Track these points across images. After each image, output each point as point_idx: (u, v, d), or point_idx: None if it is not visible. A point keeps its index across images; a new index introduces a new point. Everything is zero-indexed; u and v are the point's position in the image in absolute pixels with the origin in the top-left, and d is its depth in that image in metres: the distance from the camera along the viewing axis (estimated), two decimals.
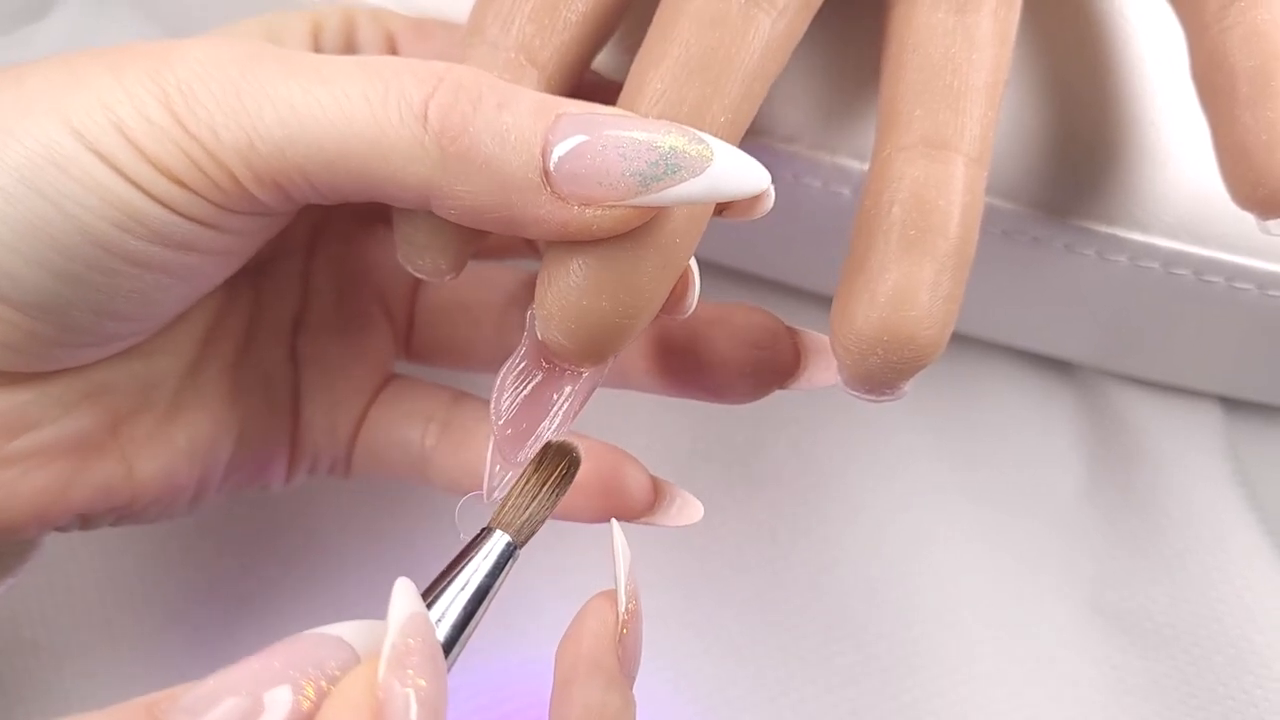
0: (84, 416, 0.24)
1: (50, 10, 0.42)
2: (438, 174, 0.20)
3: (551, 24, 0.23)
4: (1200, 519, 0.37)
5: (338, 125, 0.20)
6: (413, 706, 0.17)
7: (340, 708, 0.17)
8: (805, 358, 0.26)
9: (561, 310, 0.21)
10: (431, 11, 0.29)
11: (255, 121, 0.20)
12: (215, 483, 0.27)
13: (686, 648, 0.35)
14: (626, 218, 0.20)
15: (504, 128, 0.20)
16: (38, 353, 0.22)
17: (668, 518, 0.26)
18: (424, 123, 0.20)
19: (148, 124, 0.20)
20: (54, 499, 0.23)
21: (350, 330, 0.29)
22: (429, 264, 0.23)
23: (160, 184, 0.20)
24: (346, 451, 0.29)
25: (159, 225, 0.20)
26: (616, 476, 0.26)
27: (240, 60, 0.20)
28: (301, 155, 0.20)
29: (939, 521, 0.37)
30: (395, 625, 0.18)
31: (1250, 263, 0.31)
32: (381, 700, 0.17)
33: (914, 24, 0.24)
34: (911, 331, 0.22)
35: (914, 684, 0.34)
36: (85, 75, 0.20)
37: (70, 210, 0.20)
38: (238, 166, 0.20)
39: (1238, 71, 0.24)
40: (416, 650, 0.17)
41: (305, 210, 0.27)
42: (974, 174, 0.23)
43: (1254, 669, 0.34)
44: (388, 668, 0.17)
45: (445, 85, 0.20)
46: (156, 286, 0.22)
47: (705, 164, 0.20)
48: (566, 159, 0.20)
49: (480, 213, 0.20)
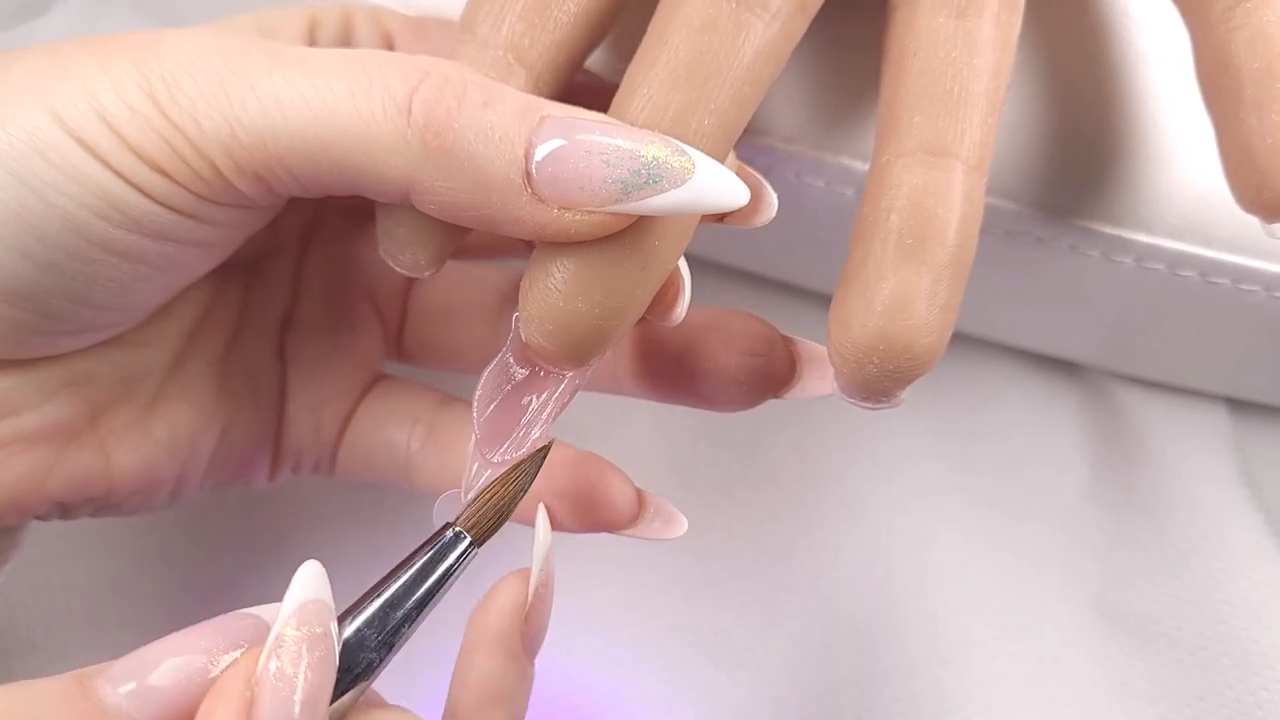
0: (64, 405, 0.24)
1: (51, 6, 0.42)
2: (419, 168, 0.20)
3: (542, 24, 0.23)
4: (1205, 520, 0.37)
5: (320, 117, 0.20)
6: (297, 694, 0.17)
7: (215, 697, 0.17)
8: (800, 366, 0.26)
9: (541, 312, 0.21)
10: (432, 11, 0.29)
11: (238, 112, 0.20)
12: (197, 477, 0.27)
13: (686, 649, 0.35)
14: (605, 223, 0.20)
15: (488, 126, 0.20)
16: (15, 340, 0.22)
17: (651, 530, 0.26)
18: (407, 116, 0.20)
19: (130, 112, 0.20)
20: (32, 487, 0.23)
21: (339, 330, 0.29)
22: (409, 259, 0.23)
23: (142, 172, 0.20)
24: (331, 451, 0.29)
25: (139, 214, 0.20)
26: (601, 488, 0.26)
27: (226, 51, 0.20)
28: (283, 146, 0.20)
29: (940, 522, 0.37)
30: (284, 613, 0.18)
31: (1257, 264, 0.31)
32: (256, 690, 0.17)
33: (915, 28, 0.24)
34: (908, 341, 0.21)
35: (916, 686, 0.34)
36: (71, 64, 0.20)
37: (50, 197, 0.20)
38: (219, 157, 0.20)
39: (1243, 73, 0.24)
40: (303, 640, 0.18)
41: (297, 209, 0.28)
42: (973, 181, 0.22)
43: (1259, 670, 0.34)
44: (266, 656, 0.17)
45: (430, 80, 0.20)
46: (135, 276, 0.22)
47: (686, 176, 0.20)
48: (548, 162, 0.20)
49: (460, 209, 0.20)
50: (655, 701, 0.34)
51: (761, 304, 0.27)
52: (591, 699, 0.34)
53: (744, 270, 0.39)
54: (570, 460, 0.26)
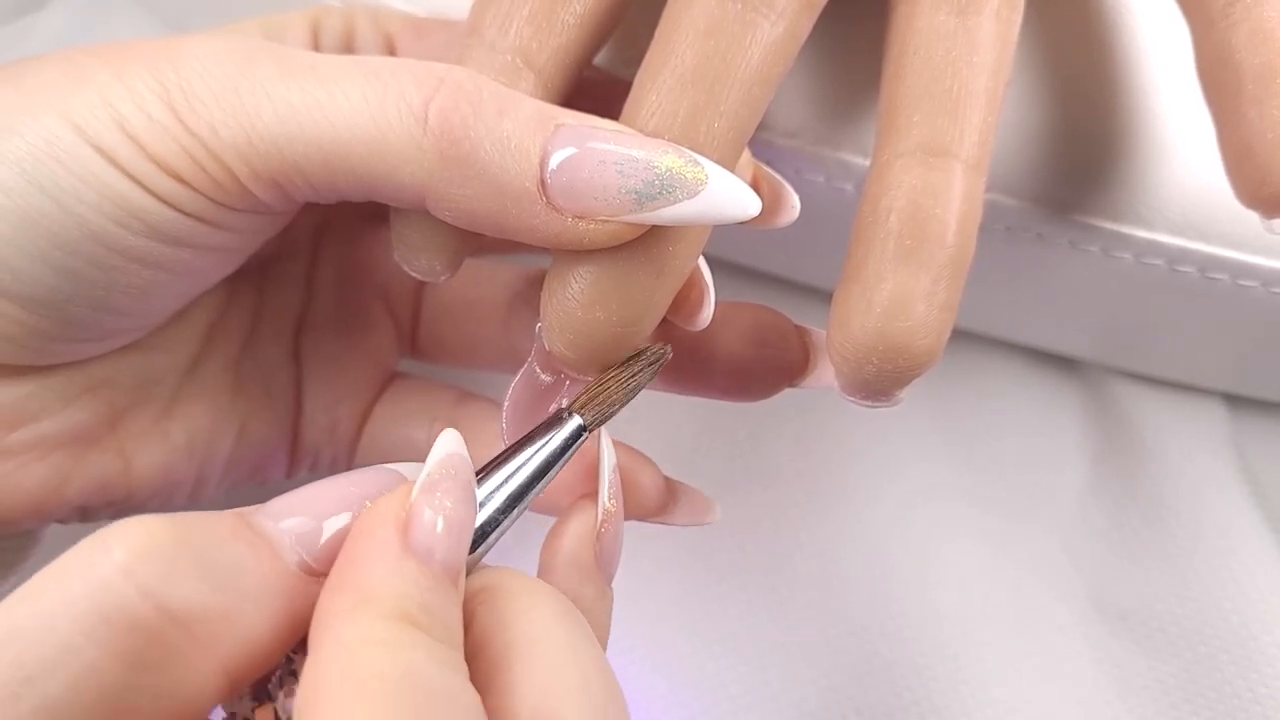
0: (83, 410, 0.24)
1: (48, 1, 0.42)
2: (434, 176, 0.20)
3: (549, 27, 0.23)
4: (1205, 516, 0.37)
5: (336, 124, 0.20)
6: (439, 523, 0.18)
7: (370, 516, 0.19)
8: (814, 356, 0.26)
9: (561, 321, 0.22)
10: (432, 11, 0.29)
11: (254, 120, 0.20)
12: (215, 478, 0.27)
13: (688, 645, 0.35)
14: (619, 233, 0.20)
15: (504, 134, 0.20)
16: (37, 347, 0.22)
17: (682, 517, 0.27)
18: (423, 124, 0.20)
19: (148, 120, 0.20)
20: (52, 491, 0.23)
21: (353, 329, 0.29)
22: (424, 264, 0.23)
23: (160, 180, 0.20)
24: (348, 450, 0.29)
25: (157, 221, 0.21)
26: (631, 475, 0.26)
27: (240, 59, 0.21)
28: (299, 154, 0.20)
29: (940, 517, 0.37)
30: (433, 460, 0.19)
31: (1256, 260, 0.31)
32: (409, 515, 0.18)
33: (915, 26, 0.24)
34: (906, 341, 0.22)
35: (916, 682, 0.34)
36: (87, 72, 0.20)
37: (70, 205, 0.20)
38: (236, 164, 0.20)
39: (1243, 68, 0.24)
40: (449, 479, 0.19)
41: (309, 210, 0.28)
42: (972, 181, 0.23)
43: (1260, 667, 0.34)
44: (419, 491, 0.19)
45: (445, 88, 0.20)
46: (154, 283, 0.22)
47: (700, 187, 0.20)
48: (563, 171, 0.20)
49: (475, 217, 0.21)
50: (654, 695, 0.34)
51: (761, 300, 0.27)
52: None
53: (744, 266, 0.39)
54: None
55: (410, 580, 0.18)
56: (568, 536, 0.23)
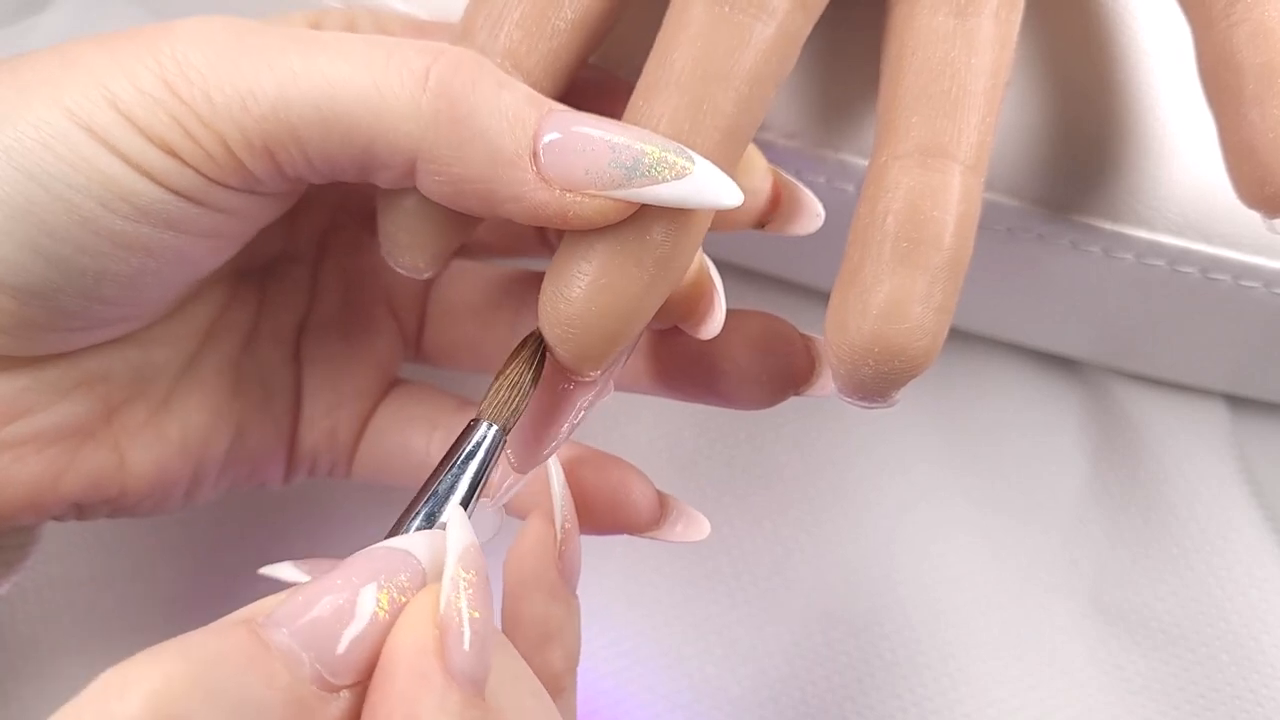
0: (78, 403, 0.24)
1: (49, 3, 0.42)
2: (429, 136, 0.20)
3: (539, 32, 0.23)
4: (1205, 517, 0.37)
5: (336, 85, 0.20)
6: (466, 635, 0.18)
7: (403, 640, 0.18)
8: (819, 364, 0.26)
9: (554, 318, 0.22)
10: (432, 12, 0.29)
11: (251, 84, 0.20)
12: (210, 479, 0.27)
13: (688, 646, 0.35)
14: (604, 209, 0.21)
15: (502, 103, 0.20)
16: (28, 337, 0.22)
17: (673, 533, 0.27)
18: (423, 85, 0.20)
19: (139, 94, 0.20)
20: (47, 486, 0.23)
21: (356, 334, 0.29)
22: (408, 260, 0.23)
23: (150, 155, 0.20)
24: (347, 454, 0.29)
25: (146, 203, 0.21)
26: (623, 490, 0.26)
27: (240, 31, 0.21)
28: (295, 115, 0.20)
29: (942, 519, 0.37)
30: (453, 557, 0.18)
31: (1257, 260, 0.31)
32: (443, 634, 0.18)
33: (914, 26, 0.24)
34: (903, 344, 0.22)
35: (917, 683, 0.34)
36: (81, 58, 0.20)
37: (58, 190, 0.20)
38: (229, 131, 0.20)
39: (1245, 68, 0.24)
40: (472, 583, 0.18)
41: (314, 213, 0.28)
42: (970, 183, 0.22)
43: (1260, 668, 0.34)
44: (447, 600, 0.18)
45: (447, 56, 0.21)
46: (144, 270, 0.22)
47: (686, 172, 0.21)
48: (555, 145, 0.20)
49: (462, 184, 0.21)
50: (655, 696, 0.34)
51: (761, 300, 0.27)
52: (592, 693, 0.34)
53: (743, 265, 0.39)
54: (591, 462, 0.26)
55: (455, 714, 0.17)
56: (528, 558, 0.23)
